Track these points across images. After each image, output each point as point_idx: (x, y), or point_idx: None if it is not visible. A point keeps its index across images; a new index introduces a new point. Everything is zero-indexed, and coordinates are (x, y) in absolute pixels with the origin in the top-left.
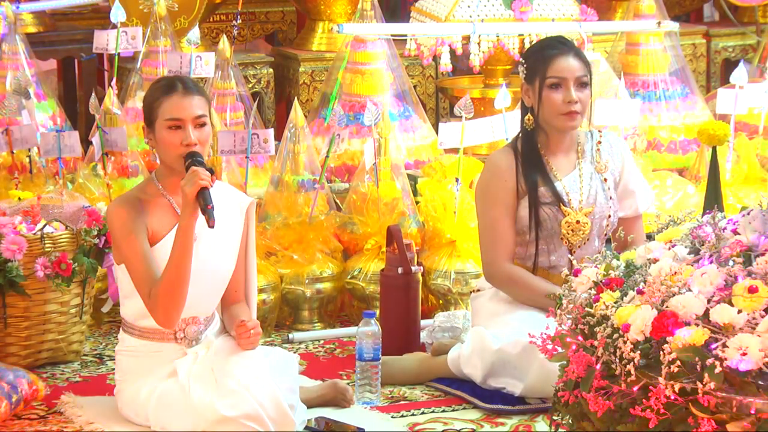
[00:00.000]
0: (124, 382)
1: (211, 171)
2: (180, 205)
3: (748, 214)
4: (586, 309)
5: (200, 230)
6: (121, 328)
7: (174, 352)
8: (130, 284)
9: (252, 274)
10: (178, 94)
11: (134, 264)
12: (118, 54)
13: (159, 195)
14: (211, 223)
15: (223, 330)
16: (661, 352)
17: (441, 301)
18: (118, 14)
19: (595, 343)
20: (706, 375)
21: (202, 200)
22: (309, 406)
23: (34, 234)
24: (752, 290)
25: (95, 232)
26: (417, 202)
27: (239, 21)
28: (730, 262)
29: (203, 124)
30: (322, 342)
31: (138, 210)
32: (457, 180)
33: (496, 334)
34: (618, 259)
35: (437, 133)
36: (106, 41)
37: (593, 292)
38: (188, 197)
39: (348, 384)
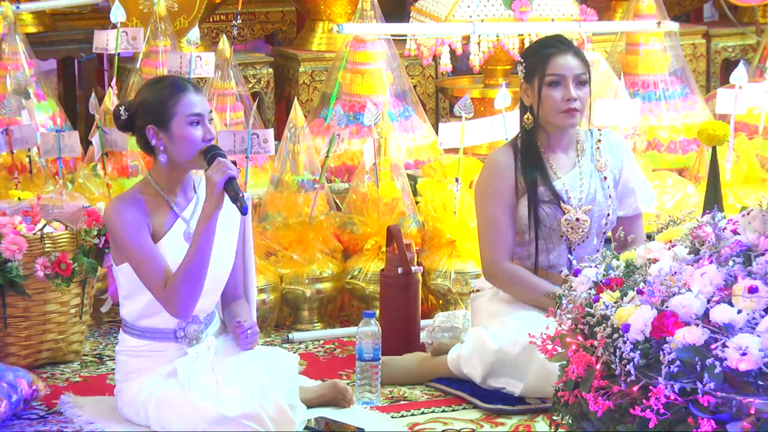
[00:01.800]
0: (125, 383)
1: (234, 163)
2: (177, 205)
3: (748, 214)
4: (586, 309)
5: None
6: (120, 329)
7: (174, 351)
8: (130, 284)
9: (251, 270)
10: (191, 92)
11: (142, 259)
12: (118, 54)
13: (156, 195)
14: (244, 210)
15: (224, 329)
16: (661, 352)
17: (441, 301)
18: (118, 14)
19: (595, 343)
20: (706, 375)
21: (233, 190)
22: (309, 406)
23: (34, 234)
24: (752, 290)
25: (95, 232)
26: (417, 202)
27: (239, 21)
28: (730, 262)
29: (212, 120)
30: (322, 342)
31: (138, 209)
32: (457, 180)
33: (495, 334)
34: (618, 259)
35: (437, 133)
36: (106, 41)
37: (593, 292)
38: (217, 187)
39: (348, 384)
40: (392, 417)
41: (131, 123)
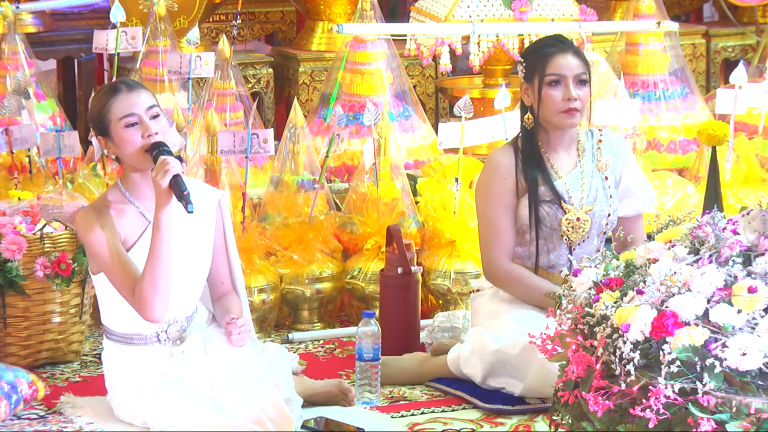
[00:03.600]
0: (117, 389)
1: (180, 158)
2: (148, 210)
3: (748, 214)
4: (586, 309)
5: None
6: (104, 336)
7: (160, 353)
8: (109, 293)
9: (236, 263)
10: (123, 92)
11: (113, 266)
12: (118, 54)
13: (125, 202)
14: (189, 209)
15: (210, 320)
16: (661, 352)
17: (441, 301)
18: (117, 14)
19: (595, 343)
20: (705, 375)
21: (177, 187)
22: (312, 402)
23: (34, 234)
24: (752, 290)
25: None
26: (417, 202)
27: (239, 21)
28: (730, 262)
29: (157, 115)
30: (321, 342)
31: (107, 216)
32: (456, 180)
33: (495, 334)
34: (618, 259)
35: (437, 133)
36: (106, 41)
37: (593, 292)
38: (161, 187)
39: (349, 384)
40: (392, 417)
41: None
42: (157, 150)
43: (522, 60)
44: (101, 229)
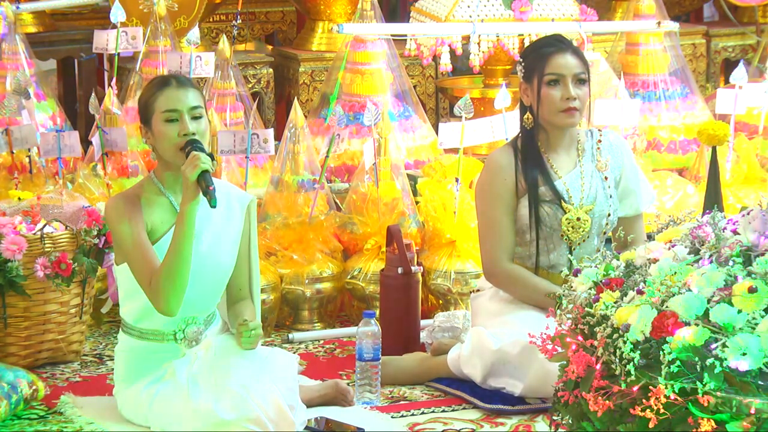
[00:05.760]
0: (123, 383)
1: (212, 156)
2: (179, 203)
3: (748, 214)
4: (586, 309)
5: (200, 228)
6: (120, 329)
7: (173, 352)
8: (130, 285)
9: (255, 271)
10: (172, 87)
11: (134, 254)
12: (118, 54)
13: (158, 193)
14: (212, 203)
15: (225, 330)
16: (661, 352)
17: (441, 301)
18: (118, 14)
19: (595, 343)
20: (706, 375)
21: (204, 182)
22: (310, 405)
23: (34, 234)
24: (752, 290)
25: (95, 232)
26: (417, 202)
27: (239, 21)
28: (730, 262)
29: (200, 116)
30: (322, 342)
31: (136, 205)
32: (456, 180)
33: (495, 334)
34: (618, 259)
35: (437, 133)
36: (106, 41)
37: (593, 292)
38: (190, 181)
39: (348, 384)
40: (392, 417)
41: None
42: (190, 146)
43: (521, 60)
44: (129, 218)
